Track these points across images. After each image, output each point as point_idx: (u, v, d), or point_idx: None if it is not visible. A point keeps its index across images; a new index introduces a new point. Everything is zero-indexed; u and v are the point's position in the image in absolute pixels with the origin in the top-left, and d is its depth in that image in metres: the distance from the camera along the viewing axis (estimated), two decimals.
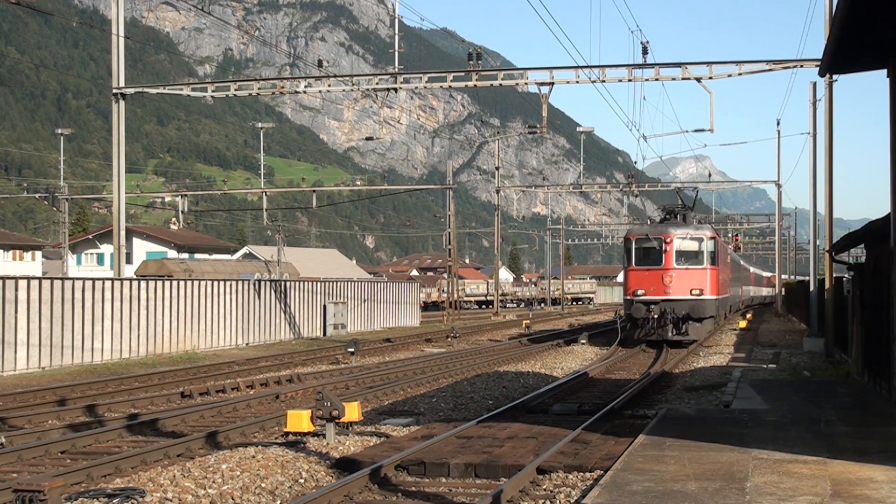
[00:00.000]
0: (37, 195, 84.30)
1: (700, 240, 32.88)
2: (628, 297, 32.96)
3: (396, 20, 37.21)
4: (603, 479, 10.04)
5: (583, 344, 35.39)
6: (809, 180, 32.02)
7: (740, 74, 30.44)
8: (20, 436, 15.33)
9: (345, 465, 12.15)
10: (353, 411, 14.87)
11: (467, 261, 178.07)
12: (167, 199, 75.33)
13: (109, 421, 17.17)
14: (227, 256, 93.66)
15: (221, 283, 38.26)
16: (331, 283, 48.66)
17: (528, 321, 51.12)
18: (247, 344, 38.79)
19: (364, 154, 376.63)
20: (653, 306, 32.05)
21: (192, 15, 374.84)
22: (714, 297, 33.15)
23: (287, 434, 14.67)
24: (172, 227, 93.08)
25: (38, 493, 9.72)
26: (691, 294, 32.21)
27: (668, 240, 32.49)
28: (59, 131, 73.16)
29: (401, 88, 33.29)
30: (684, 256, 32.63)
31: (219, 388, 22.02)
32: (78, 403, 19.54)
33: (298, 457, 12.75)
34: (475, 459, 12.04)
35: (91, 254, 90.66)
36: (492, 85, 32.95)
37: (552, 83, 31.59)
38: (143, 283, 33.51)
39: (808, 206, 34.05)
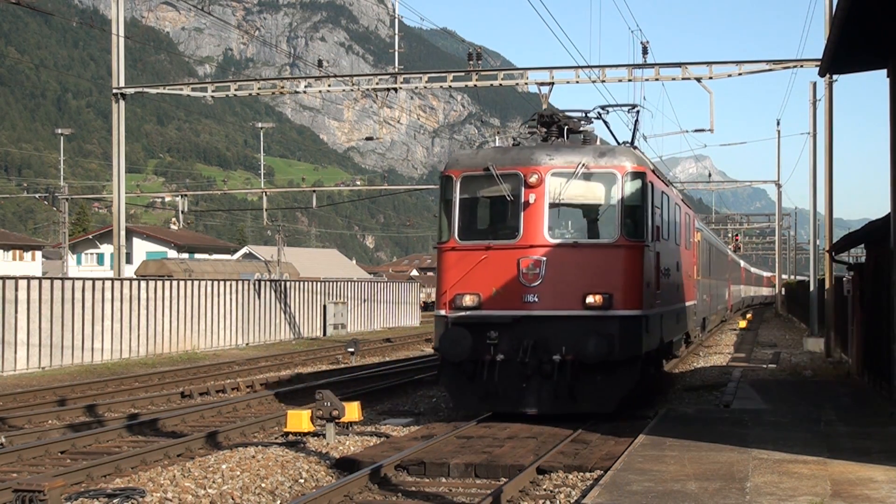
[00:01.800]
0: (37, 195, 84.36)
1: (609, 179, 15.19)
2: (442, 313, 15.35)
3: (396, 20, 37.22)
4: (603, 479, 10.05)
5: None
6: (809, 180, 32.05)
7: (740, 74, 30.42)
8: (20, 436, 15.33)
9: (345, 465, 12.16)
10: (353, 411, 14.89)
11: None
12: (167, 199, 75.34)
13: (109, 421, 17.18)
14: (227, 256, 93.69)
15: (221, 283, 38.28)
16: (331, 283, 48.67)
17: None
18: (247, 344, 38.79)
19: (364, 154, 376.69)
20: (495, 334, 14.73)
21: (192, 15, 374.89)
22: (644, 311, 15.22)
23: (287, 434, 14.68)
24: (172, 227, 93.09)
25: (38, 493, 9.73)
26: (586, 306, 14.70)
27: (535, 178, 14.97)
28: (59, 131, 73.26)
29: (401, 88, 33.29)
30: (572, 218, 15.35)
31: (219, 388, 22.02)
32: (78, 403, 19.55)
33: (298, 457, 12.75)
34: (475, 459, 12.05)
35: (91, 254, 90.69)
36: (492, 85, 32.94)
37: (552, 83, 31.58)
38: (143, 283, 33.51)
39: (808, 206, 34.05)
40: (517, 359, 14.58)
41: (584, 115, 17.66)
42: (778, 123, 63.40)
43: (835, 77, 26.70)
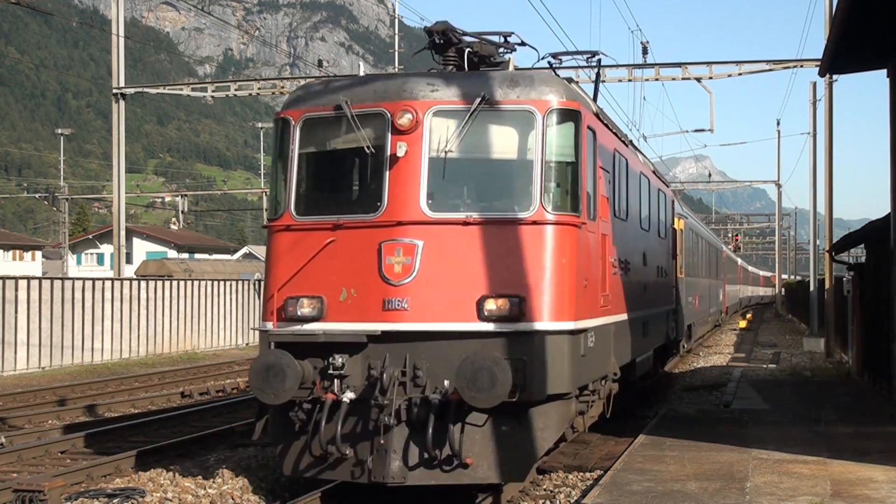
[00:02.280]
0: (37, 195, 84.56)
1: (524, 120, 9.82)
2: (268, 327, 9.98)
3: (396, 20, 37.29)
4: (603, 479, 10.05)
5: None
6: (809, 180, 32.06)
7: (740, 74, 30.42)
8: (20, 436, 15.34)
9: None
10: None
11: None
12: (167, 199, 75.36)
13: (109, 421, 17.18)
14: (227, 256, 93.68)
15: (221, 283, 38.29)
16: None
17: None
18: (247, 344, 38.79)
19: None
20: (341, 361, 9.54)
21: (192, 15, 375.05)
22: (579, 322, 9.77)
23: None
24: (172, 227, 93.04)
25: (38, 493, 9.74)
26: (485, 317, 9.37)
27: (408, 118, 9.65)
28: (59, 131, 73.40)
29: None
30: (465, 180, 9.99)
31: (219, 389, 22.03)
32: (78, 403, 19.55)
33: None
34: None
35: (91, 254, 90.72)
36: None
37: None
38: (143, 283, 33.52)
39: (808, 206, 34.05)
40: (374, 399, 9.32)
41: (503, 38, 11.80)
42: (778, 123, 63.46)
43: (835, 77, 26.70)
